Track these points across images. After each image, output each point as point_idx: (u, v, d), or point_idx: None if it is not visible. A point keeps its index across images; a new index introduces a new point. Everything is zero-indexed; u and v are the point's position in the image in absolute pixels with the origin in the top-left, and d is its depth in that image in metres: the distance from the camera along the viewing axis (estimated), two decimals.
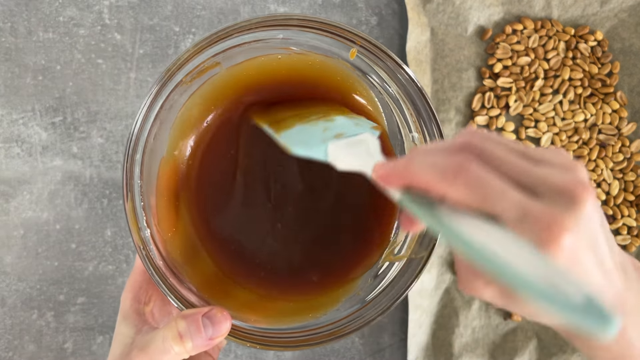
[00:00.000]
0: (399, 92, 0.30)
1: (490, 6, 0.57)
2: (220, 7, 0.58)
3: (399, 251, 0.34)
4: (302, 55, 0.32)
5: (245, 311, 0.32)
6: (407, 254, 0.34)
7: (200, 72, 0.32)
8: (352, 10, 0.58)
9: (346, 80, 0.33)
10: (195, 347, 0.28)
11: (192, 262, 0.33)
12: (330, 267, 0.34)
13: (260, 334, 0.31)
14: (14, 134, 0.56)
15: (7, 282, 0.56)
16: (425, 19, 0.56)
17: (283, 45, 0.32)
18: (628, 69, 0.57)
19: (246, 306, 0.33)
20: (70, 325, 0.57)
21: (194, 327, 0.28)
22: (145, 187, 0.31)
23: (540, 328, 0.57)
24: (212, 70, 0.32)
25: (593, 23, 0.57)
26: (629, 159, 0.57)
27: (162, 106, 0.30)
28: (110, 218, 0.57)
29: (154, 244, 0.31)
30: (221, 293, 0.33)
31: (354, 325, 0.31)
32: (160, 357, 0.28)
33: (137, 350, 0.29)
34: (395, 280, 0.33)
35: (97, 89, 0.57)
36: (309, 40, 0.31)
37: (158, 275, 0.30)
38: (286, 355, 0.58)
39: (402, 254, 0.34)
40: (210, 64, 0.31)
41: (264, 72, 0.32)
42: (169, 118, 0.32)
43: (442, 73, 0.57)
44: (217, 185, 0.33)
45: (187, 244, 0.33)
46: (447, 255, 0.57)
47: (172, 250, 0.33)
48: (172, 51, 0.57)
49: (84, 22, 0.57)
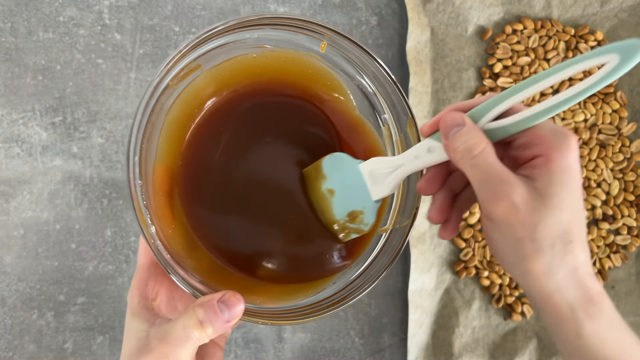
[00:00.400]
0: (368, 79, 0.33)
1: (490, 6, 0.57)
2: (220, 7, 0.58)
3: (382, 224, 0.37)
4: (275, 52, 0.34)
5: (249, 294, 0.34)
6: (390, 225, 0.36)
7: (184, 75, 0.34)
8: (352, 10, 0.58)
9: (317, 72, 0.35)
10: (216, 331, 0.30)
11: (192, 255, 0.35)
12: (322, 252, 0.36)
13: (268, 312, 0.33)
14: (14, 134, 0.56)
15: (7, 282, 0.56)
16: (425, 19, 0.56)
17: (258, 44, 0.34)
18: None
19: (248, 290, 0.35)
20: (70, 325, 0.57)
21: (212, 312, 0.30)
22: (144, 188, 0.33)
23: (540, 328, 0.57)
24: (194, 73, 0.34)
25: (593, 23, 0.57)
26: (629, 158, 0.57)
27: (152, 110, 0.32)
28: (111, 218, 0.57)
29: (159, 239, 0.33)
30: (224, 280, 0.35)
31: (353, 293, 0.33)
32: (182, 344, 0.30)
33: (156, 341, 0.31)
34: (384, 249, 0.36)
35: (97, 89, 0.57)
36: (280, 37, 0.33)
37: (170, 268, 0.32)
38: (286, 355, 0.58)
39: (386, 226, 0.36)
40: (192, 66, 0.34)
41: (240, 70, 0.35)
42: (158, 121, 0.34)
43: (442, 73, 0.57)
44: (206, 183, 0.36)
45: (186, 239, 0.35)
46: (447, 256, 0.57)
47: (175, 245, 0.34)
48: (172, 51, 0.57)
49: (84, 22, 0.57)
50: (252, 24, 0.31)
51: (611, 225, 0.57)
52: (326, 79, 0.35)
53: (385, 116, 0.34)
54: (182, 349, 0.30)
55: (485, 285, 0.57)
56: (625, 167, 0.57)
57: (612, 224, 0.57)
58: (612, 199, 0.57)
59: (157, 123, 0.33)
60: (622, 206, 0.57)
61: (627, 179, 0.57)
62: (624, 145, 0.57)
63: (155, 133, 0.34)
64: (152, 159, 0.34)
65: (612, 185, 0.57)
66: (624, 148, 0.57)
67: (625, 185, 0.57)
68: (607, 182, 0.57)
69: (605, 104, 0.57)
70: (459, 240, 0.57)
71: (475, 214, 0.56)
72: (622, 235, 0.57)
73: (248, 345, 0.58)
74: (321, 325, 0.58)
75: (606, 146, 0.57)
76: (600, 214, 0.57)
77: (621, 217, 0.57)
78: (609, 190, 0.57)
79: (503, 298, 0.57)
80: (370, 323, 0.58)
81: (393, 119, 0.33)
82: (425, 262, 0.56)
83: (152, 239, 0.32)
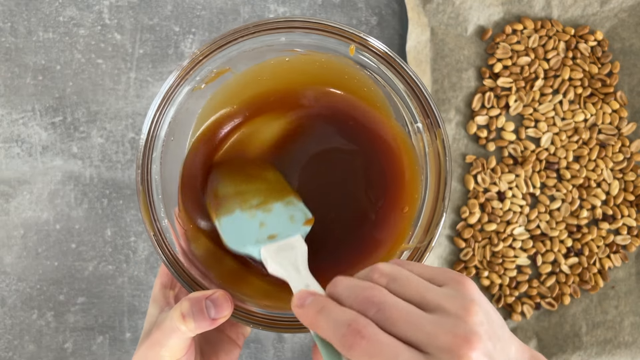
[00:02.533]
0: (401, 87, 0.33)
1: (490, 6, 0.57)
2: (220, 7, 0.58)
3: (408, 241, 0.36)
4: (308, 55, 0.34)
5: (260, 298, 0.35)
6: (414, 243, 0.36)
7: (212, 77, 0.34)
8: (352, 10, 0.58)
9: (353, 77, 0.35)
10: (199, 326, 0.31)
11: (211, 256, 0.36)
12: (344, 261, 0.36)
13: (268, 317, 0.33)
14: (14, 133, 0.56)
15: (7, 282, 0.56)
16: (425, 18, 0.56)
17: (288, 48, 0.34)
18: (628, 69, 0.57)
19: (262, 294, 0.36)
20: (70, 325, 0.57)
21: (197, 308, 0.31)
22: (164, 183, 0.34)
23: (540, 328, 0.57)
24: (223, 76, 0.34)
25: (593, 23, 0.57)
26: (629, 158, 0.57)
27: (179, 109, 0.33)
28: (111, 218, 0.57)
29: (173, 233, 0.34)
30: (238, 281, 0.36)
31: None
32: (170, 334, 0.32)
33: (155, 327, 0.33)
34: None
35: (97, 89, 0.57)
36: (311, 42, 0.33)
37: (169, 261, 0.33)
38: (286, 355, 0.58)
39: (411, 244, 0.36)
40: (221, 69, 0.34)
41: (275, 74, 0.35)
42: (187, 121, 0.35)
43: (442, 73, 0.57)
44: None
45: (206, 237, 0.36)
46: (447, 256, 0.57)
47: (193, 241, 0.35)
48: (172, 51, 0.57)
49: (84, 22, 0.57)
50: (281, 26, 0.32)
51: (611, 225, 0.57)
52: (363, 84, 0.35)
53: (418, 125, 0.33)
54: (171, 338, 0.32)
55: (485, 285, 0.57)
56: (625, 167, 0.57)
57: (612, 224, 0.57)
58: (612, 199, 0.57)
59: (185, 123, 0.34)
60: (622, 206, 0.57)
61: (627, 179, 0.57)
62: (624, 145, 0.57)
63: (184, 133, 0.35)
64: (180, 157, 0.35)
65: (612, 185, 0.57)
66: (624, 148, 0.57)
67: (625, 185, 0.57)
68: (607, 182, 0.57)
69: (605, 103, 0.57)
70: (459, 240, 0.57)
71: (475, 214, 0.57)
72: (622, 235, 0.57)
73: (248, 345, 0.58)
74: None
75: (606, 146, 0.57)
76: (600, 213, 0.57)
77: (621, 217, 0.57)
78: (609, 190, 0.57)
79: (503, 298, 0.57)
80: None
81: (427, 129, 0.33)
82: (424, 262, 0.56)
83: (160, 232, 0.33)
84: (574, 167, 0.57)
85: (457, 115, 0.57)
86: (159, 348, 0.32)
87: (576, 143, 0.57)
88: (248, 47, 0.33)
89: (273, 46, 0.34)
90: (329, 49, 0.34)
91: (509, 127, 0.57)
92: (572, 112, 0.57)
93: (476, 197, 0.57)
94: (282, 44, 0.33)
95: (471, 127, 0.57)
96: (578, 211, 0.57)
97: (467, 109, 0.57)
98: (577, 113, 0.57)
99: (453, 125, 0.57)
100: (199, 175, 0.36)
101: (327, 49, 0.34)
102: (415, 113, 0.33)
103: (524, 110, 0.57)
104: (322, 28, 0.32)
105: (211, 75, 0.34)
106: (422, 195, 0.35)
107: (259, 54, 0.34)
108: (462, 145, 0.57)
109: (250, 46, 0.33)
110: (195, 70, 0.33)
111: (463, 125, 0.57)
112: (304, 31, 0.32)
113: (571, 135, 0.57)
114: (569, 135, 0.57)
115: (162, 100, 0.33)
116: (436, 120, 0.32)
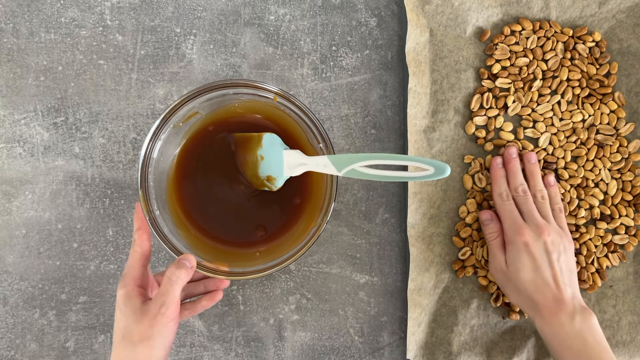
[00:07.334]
0: (307, 121, 0.50)
1: (489, 7, 0.57)
2: (221, 9, 0.58)
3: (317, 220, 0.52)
4: (248, 102, 0.52)
5: (221, 257, 0.51)
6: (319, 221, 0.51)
7: (187, 118, 0.50)
8: (352, 11, 0.58)
9: (279, 114, 0.52)
10: (187, 272, 0.45)
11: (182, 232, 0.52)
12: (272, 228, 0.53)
13: (233, 272, 0.49)
14: (16, 134, 0.57)
15: (9, 282, 0.57)
16: (424, 20, 0.57)
17: (235, 98, 0.51)
18: (626, 70, 0.58)
19: (214, 255, 0.51)
20: (72, 324, 0.57)
21: (180, 263, 0.45)
22: (156, 186, 0.49)
23: None
24: (195, 117, 0.51)
25: (591, 24, 0.58)
26: (626, 159, 0.57)
27: (166, 138, 0.49)
28: (112, 218, 0.57)
29: (162, 219, 0.49)
30: (202, 247, 0.52)
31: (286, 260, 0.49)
32: (172, 286, 0.44)
33: (153, 299, 0.44)
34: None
35: (98, 89, 0.57)
36: (249, 93, 0.50)
37: (160, 236, 0.48)
38: (286, 353, 0.58)
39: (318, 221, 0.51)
40: (192, 112, 0.50)
41: (228, 112, 0.52)
42: (171, 146, 0.51)
43: (441, 74, 0.57)
44: (193, 185, 0.52)
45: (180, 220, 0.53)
46: (445, 255, 0.57)
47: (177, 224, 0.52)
48: (173, 52, 0.57)
49: (86, 23, 0.57)
50: (228, 85, 0.48)
51: (609, 224, 0.57)
52: (285, 119, 0.52)
53: (321, 145, 0.49)
54: (173, 288, 0.44)
55: (484, 284, 0.57)
56: (623, 167, 0.57)
57: (609, 224, 0.57)
58: (610, 199, 0.57)
59: (168, 149, 0.50)
60: (619, 206, 0.57)
61: (624, 179, 0.57)
62: (621, 145, 0.57)
63: (168, 155, 0.51)
64: (166, 171, 0.51)
65: (610, 185, 0.57)
66: (621, 148, 0.57)
67: (623, 185, 0.58)
68: (605, 182, 0.57)
69: (603, 104, 0.57)
70: (457, 240, 0.57)
71: (472, 213, 0.57)
72: (620, 235, 0.57)
73: (249, 343, 0.58)
74: (321, 324, 0.58)
75: (604, 146, 0.57)
76: (598, 213, 0.57)
77: (619, 217, 0.57)
78: (606, 190, 0.57)
79: (501, 297, 0.57)
80: (369, 322, 0.58)
81: (325, 148, 0.49)
82: (424, 261, 0.57)
83: (155, 219, 0.48)
84: (572, 167, 0.57)
85: (455, 116, 0.57)
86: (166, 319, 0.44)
87: (574, 143, 0.57)
88: (209, 97, 0.49)
89: (225, 96, 0.50)
90: (261, 97, 0.50)
91: (508, 128, 0.57)
92: (570, 113, 0.57)
93: (474, 197, 0.57)
94: (230, 95, 0.50)
95: (470, 127, 0.57)
96: (576, 211, 0.57)
97: (465, 109, 0.57)
98: (575, 113, 0.57)
99: (452, 125, 0.57)
100: (180, 178, 0.52)
101: (260, 97, 0.50)
102: (318, 138, 0.49)
103: (522, 110, 0.57)
104: (255, 86, 0.48)
105: (186, 116, 0.50)
106: (324, 191, 0.51)
107: (216, 102, 0.51)
108: (461, 146, 0.57)
109: (211, 97, 0.49)
110: (175, 114, 0.48)
111: (462, 125, 0.57)
112: (244, 88, 0.48)
113: (569, 136, 0.57)
114: (567, 135, 0.57)
115: (152, 134, 0.47)
116: (329, 143, 0.49)
